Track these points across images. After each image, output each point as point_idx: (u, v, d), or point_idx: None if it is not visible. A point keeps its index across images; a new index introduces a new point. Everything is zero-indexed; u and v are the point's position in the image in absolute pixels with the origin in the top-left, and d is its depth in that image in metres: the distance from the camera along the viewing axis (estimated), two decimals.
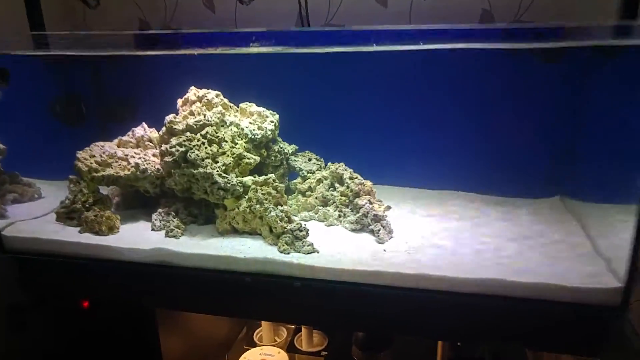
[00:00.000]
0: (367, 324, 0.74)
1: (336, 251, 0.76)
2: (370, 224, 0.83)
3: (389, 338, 1.09)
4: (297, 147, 0.96)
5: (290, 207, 0.87)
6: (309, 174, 0.94)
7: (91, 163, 0.85)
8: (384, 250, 0.77)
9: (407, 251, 0.76)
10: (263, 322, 1.35)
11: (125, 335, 0.98)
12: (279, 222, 0.78)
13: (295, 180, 0.96)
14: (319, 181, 0.93)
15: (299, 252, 0.76)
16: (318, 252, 0.76)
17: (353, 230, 0.85)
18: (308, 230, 0.78)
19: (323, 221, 0.89)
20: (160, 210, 0.87)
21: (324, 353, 1.29)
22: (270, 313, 0.80)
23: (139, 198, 0.96)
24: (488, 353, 1.12)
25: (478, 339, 0.72)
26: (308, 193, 0.93)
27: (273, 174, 0.82)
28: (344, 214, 0.87)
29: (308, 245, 0.76)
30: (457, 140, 1.00)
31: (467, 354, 1.03)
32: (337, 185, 0.91)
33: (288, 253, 0.75)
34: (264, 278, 0.75)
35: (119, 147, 0.91)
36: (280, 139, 0.95)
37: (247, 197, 0.81)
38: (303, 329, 1.30)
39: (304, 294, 0.74)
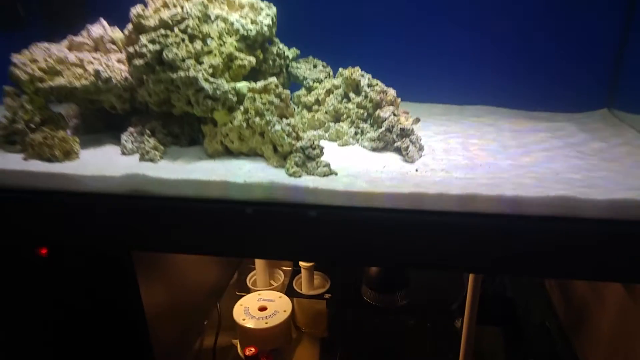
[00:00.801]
0: (400, 259, 0.63)
1: (358, 173, 0.63)
2: (395, 140, 0.70)
3: (404, 276, 0.99)
4: (298, 52, 0.80)
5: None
6: (315, 84, 0.79)
7: (33, 70, 0.68)
8: (416, 171, 0.64)
9: (446, 170, 0.64)
10: (257, 265, 1.24)
11: (98, 287, 0.84)
12: (285, 138, 0.63)
13: (297, 92, 0.80)
14: (329, 92, 0.78)
15: (313, 175, 0.62)
16: (336, 174, 0.63)
17: (374, 150, 0.71)
18: (323, 148, 0.64)
19: (335, 141, 0.75)
20: (131, 129, 0.71)
21: (327, 295, 1.20)
22: (278, 250, 0.67)
23: (103, 118, 0.80)
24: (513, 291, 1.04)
25: (543, 272, 0.62)
26: (315, 107, 0.78)
27: (274, 78, 0.67)
28: (362, 131, 0.73)
29: (324, 166, 0.62)
30: (491, 49, 0.87)
31: (496, 290, 0.96)
32: (352, 95, 0.76)
33: (299, 176, 0.62)
34: (270, 208, 0.62)
35: (70, 50, 0.73)
36: (277, 40, 0.78)
37: (242, 108, 0.66)
38: (303, 271, 1.20)
39: (321, 226, 0.61)
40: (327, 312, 1.23)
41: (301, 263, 1.18)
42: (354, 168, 0.65)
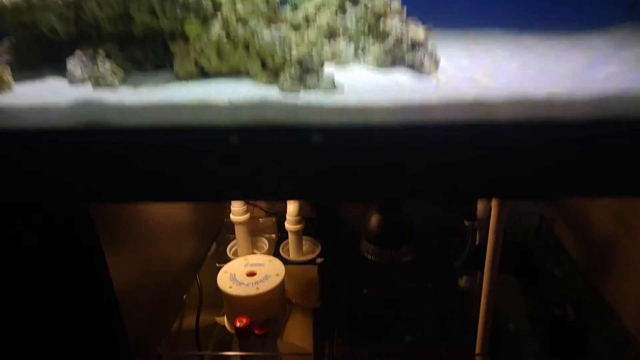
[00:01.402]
0: (423, 188, 0.53)
1: (368, 89, 0.53)
2: (406, 54, 0.60)
3: (410, 228, 0.91)
4: None
5: None
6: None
7: None
8: (437, 82, 0.55)
9: (472, 78, 0.55)
10: (238, 234, 1.13)
11: (53, 258, 0.72)
12: (277, 46, 0.52)
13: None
14: (319, 7, 0.67)
15: (314, 90, 0.52)
16: (342, 90, 0.52)
17: (381, 68, 0.61)
18: (323, 61, 0.54)
19: (332, 62, 0.64)
20: (80, 53, 0.59)
21: (319, 260, 1.11)
22: (272, 188, 0.56)
23: (41, 50, 0.66)
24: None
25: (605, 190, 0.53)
26: (303, 26, 0.67)
27: None
28: (364, 47, 0.63)
29: (327, 80, 0.52)
30: None
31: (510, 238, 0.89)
32: (348, 6, 0.65)
33: (296, 92, 0.51)
34: (261, 134, 0.51)
35: None
36: None
37: (220, 16, 0.55)
38: (290, 235, 1.10)
39: (327, 154, 0.51)
40: (319, 279, 1.14)
41: (288, 226, 1.08)
42: (362, 86, 0.55)
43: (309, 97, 0.50)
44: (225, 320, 0.88)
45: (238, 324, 0.77)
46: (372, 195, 0.57)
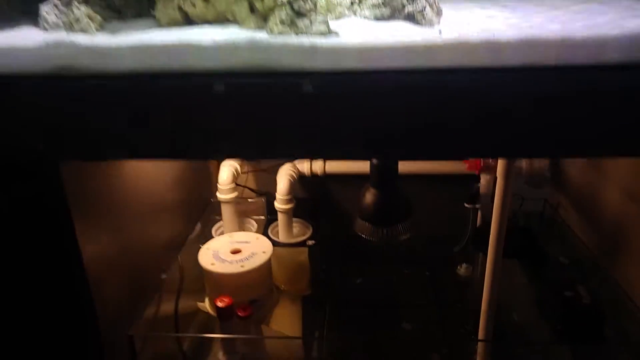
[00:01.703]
0: (430, 144, 0.50)
1: (365, 34, 0.50)
2: (405, 4, 0.57)
3: (407, 205, 0.88)
4: None
5: None
6: None
7: None
8: (440, 32, 0.52)
9: (478, 25, 0.52)
10: (224, 213, 1.10)
11: (16, 224, 0.67)
12: None
13: None
14: None
15: (307, 34, 0.49)
16: (337, 35, 0.49)
17: (379, 19, 0.58)
18: (316, 2, 0.51)
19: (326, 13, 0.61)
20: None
21: (310, 242, 1.08)
22: (258, 144, 0.53)
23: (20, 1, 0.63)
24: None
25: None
26: None
27: None
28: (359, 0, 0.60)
29: (321, 24, 0.49)
30: None
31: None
32: None
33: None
34: (249, 80, 0.48)
35: None
36: None
37: None
38: (280, 216, 1.07)
39: (322, 103, 0.48)
40: (310, 263, 1.11)
41: (278, 206, 1.05)
42: (359, 33, 0.52)
43: (302, 38, 0.47)
44: (207, 305, 0.85)
45: (219, 304, 0.74)
46: (374, 152, 0.54)
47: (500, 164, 0.71)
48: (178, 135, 0.53)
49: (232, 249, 0.84)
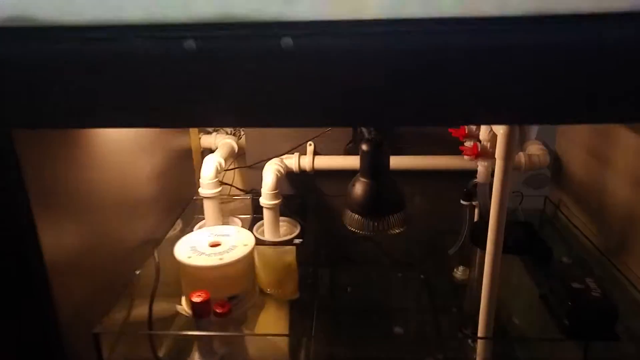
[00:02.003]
0: (424, 108, 0.45)
1: None
2: None
3: (399, 195, 0.82)
4: None
5: None
6: None
7: None
8: None
9: None
10: (206, 210, 1.03)
11: None
12: None
13: None
14: None
15: None
16: None
17: None
18: None
19: None
20: None
21: (297, 240, 1.02)
22: (232, 110, 0.47)
23: None
24: None
25: None
26: None
27: None
28: None
29: None
30: None
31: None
32: None
33: None
34: (224, 35, 0.43)
35: None
36: None
37: None
38: (266, 213, 1.00)
39: (304, 60, 0.43)
40: (298, 264, 1.04)
41: (263, 201, 0.99)
42: None
43: None
44: (183, 304, 0.78)
45: (195, 299, 0.67)
46: (367, 118, 0.48)
47: (499, 147, 0.65)
48: (142, 99, 0.47)
49: (212, 242, 0.77)
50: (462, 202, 1.03)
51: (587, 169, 0.98)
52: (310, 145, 1.10)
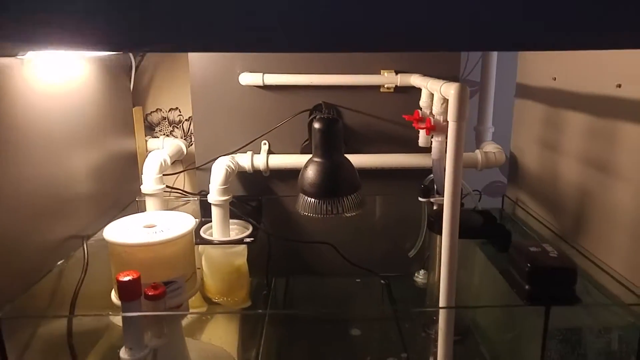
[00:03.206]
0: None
1: None
2: None
3: (354, 176, 0.77)
4: None
5: None
6: None
7: None
8: None
9: None
10: (149, 209, 0.95)
11: None
12: None
13: None
14: None
15: None
16: None
17: None
18: None
19: None
20: None
21: (249, 239, 0.94)
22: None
23: None
24: None
25: None
26: None
27: None
28: None
29: None
30: None
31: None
32: None
33: None
34: None
35: None
36: None
37: None
38: (215, 211, 0.93)
39: None
40: (250, 269, 0.96)
41: (212, 198, 0.92)
42: None
43: None
44: (112, 293, 0.68)
45: (121, 278, 0.58)
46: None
47: (451, 109, 0.62)
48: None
49: (146, 224, 0.69)
50: (419, 199, 0.99)
51: (542, 162, 0.97)
52: (264, 144, 1.04)
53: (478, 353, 0.81)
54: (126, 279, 0.58)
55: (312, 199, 0.75)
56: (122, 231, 0.67)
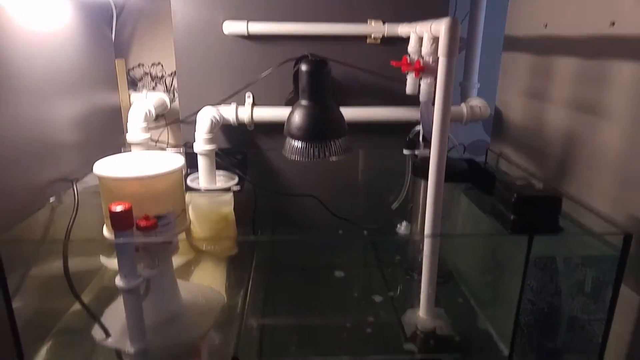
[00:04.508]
0: None
1: None
2: None
3: (340, 120, 0.79)
4: None
5: None
6: None
7: None
8: None
9: None
10: None
11: None
12: None
13: None
14: None
15: None
16: None
17: None
18: None
19: None
20: None
21: (235, 188, 0.96)
22: None
23: None
24: None
25: None
26: None
27: None
28: None
29: None
30: None
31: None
32: None
33: None
34: None
35: None
36: None
37: None
38: (201, 160, 0.95)
39: None
40: (236, 217, 0.98)
41: (198, 147, 0.93)
42: None
43: None
44: (104, 229, 0.69)
45: (114, 208, 0.60)
46: None
47: (442, 44, 0.64)
48: None
49: (136, 161, 0.70)
50: (404, 151, 1.02)
51: (527, 112, 1.00)
52: (249, 96, 1.05)
53: (459, 292, 0.85)
54: (118, 208, 0.60)
55: (300, 143, 0.77)
56: (112, 166, 0.68)
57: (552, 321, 0.67)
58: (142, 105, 0.96)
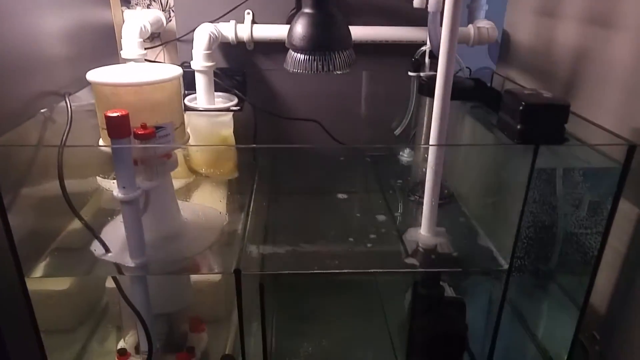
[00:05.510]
0: None
1: None
2: None
3: (346, 31, 0.76)
4: None
5: None
6: None
7: None
8: None
9: None
10: None
11: None
12: None
13: None
14: None
15: None
16: None
17: None
18: None
19: None
20: None
21: (235, 108, 0.95)
22: None
23: None
24: None
25: None
26: None
27: None
28: None
29: None
30: None
31: None
32: None
33: None
34: None
35: None
36: None
37: None
38: (199, 78, 0.92)
39: None
40: (235, 141, 0.97)
41: (196, 64, 0.90)
42: None
43: None
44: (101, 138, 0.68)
45: (110, 114, 0.58)
46: None
47: None
48: None
49: (132, 71, 0.68)
50: (409, 73, 0.99)
51: (537, 32, 0.97)
52: (248, 13, 1.01)
53: (460, 212, 0.85)
54: (115, 114, 0.58)
55: (302, 55, 0.74)
56: (108, 73, 0.66)
57: (552, 233, 0.68)
58: (136, 20, 0.92)
